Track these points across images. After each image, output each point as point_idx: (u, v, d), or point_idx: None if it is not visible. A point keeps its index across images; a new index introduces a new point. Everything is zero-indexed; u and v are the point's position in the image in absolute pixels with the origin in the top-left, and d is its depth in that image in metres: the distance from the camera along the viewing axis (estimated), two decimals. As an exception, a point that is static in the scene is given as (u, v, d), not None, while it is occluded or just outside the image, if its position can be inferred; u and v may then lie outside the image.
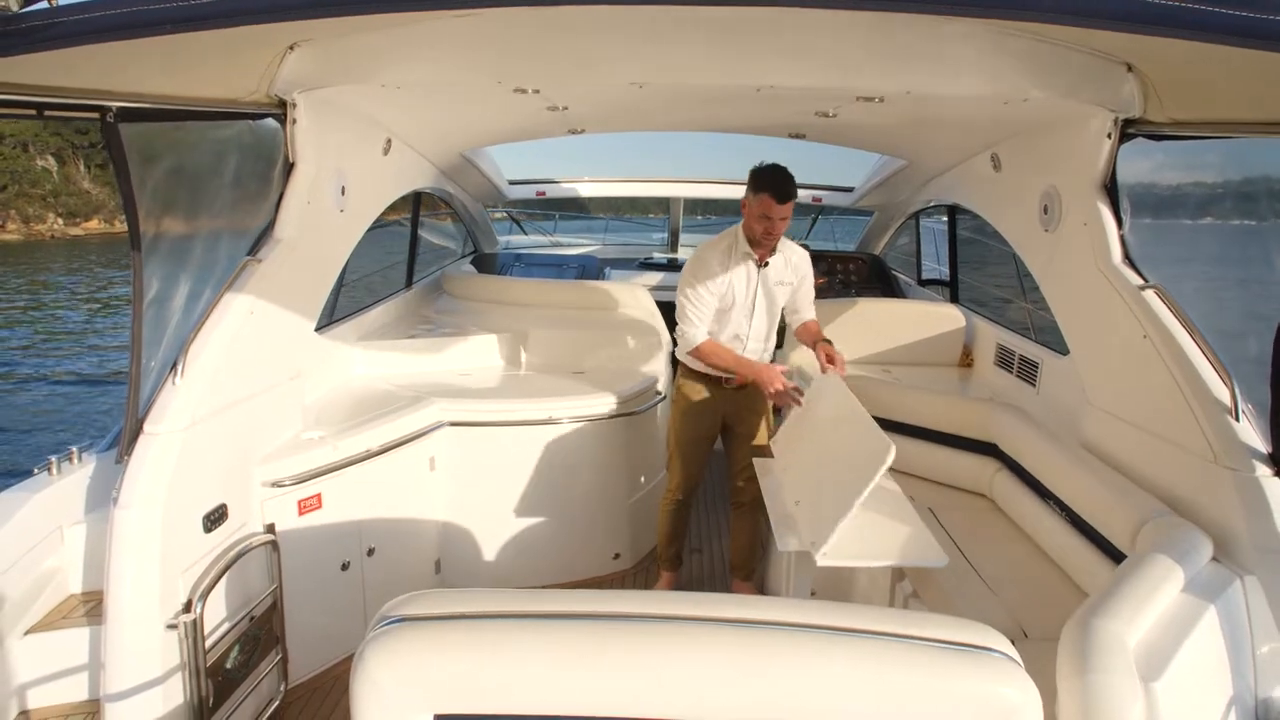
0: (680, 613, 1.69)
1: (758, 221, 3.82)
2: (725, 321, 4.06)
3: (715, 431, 4.32)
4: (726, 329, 4.07)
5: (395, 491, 4.03)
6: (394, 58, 2.96)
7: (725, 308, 4.02)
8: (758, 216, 3.81)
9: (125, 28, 1.68)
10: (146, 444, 2.82)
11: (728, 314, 4.04)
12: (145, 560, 2.74)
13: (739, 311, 4.04)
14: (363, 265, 6.07)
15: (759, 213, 3.80)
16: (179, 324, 3.02)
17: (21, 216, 63.30)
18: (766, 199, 3.75)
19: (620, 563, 4.81)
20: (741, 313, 4.05)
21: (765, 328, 4.14)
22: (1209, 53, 2.01)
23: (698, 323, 3.94)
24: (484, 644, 1.64)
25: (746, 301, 4.03)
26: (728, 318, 4.05)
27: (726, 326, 4.07)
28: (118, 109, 2.50)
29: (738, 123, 5.27)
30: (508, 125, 5.03)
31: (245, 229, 3.38)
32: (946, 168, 5.39)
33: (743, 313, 4.05)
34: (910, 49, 2.81)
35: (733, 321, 4.06)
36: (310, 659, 3.66)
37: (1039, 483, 3.58)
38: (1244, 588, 2.56)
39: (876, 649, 1.61)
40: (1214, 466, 2.77)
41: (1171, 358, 2.98)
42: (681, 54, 2.90)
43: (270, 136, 3.31)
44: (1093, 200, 3.35)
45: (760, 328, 4.12)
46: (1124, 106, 2.97)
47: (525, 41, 2.83)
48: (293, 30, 2.63)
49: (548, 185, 8.15)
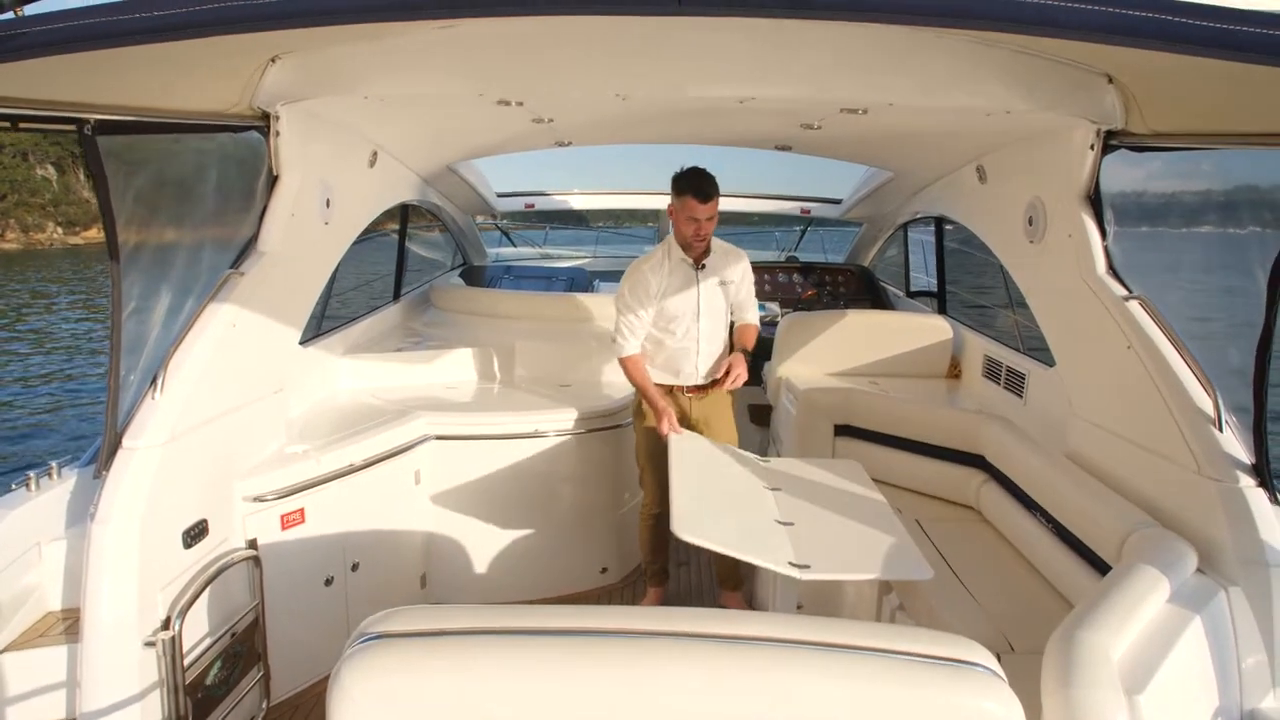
0: (663, 628, 1.68)
1: (685, 224, 3.94)
2: (674, 329, 4.13)
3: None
4: (675, 336, 4.14)
5: (380, 506, 4.00)
6: (375, 70, 2.95)
7: (670, 316, 4.09)
8: (685, 219, 3.93)
9: (99, 37, 1.66)
10: (125, 459, 2.79)
11: (675, 321, 4.11)
12: (123, 577, 2.71)
13: (685, 317, 4.11)
14: (351, 278, 6.06)
15: (685, 215, 3.91)
16: (159, 337, 3.00)
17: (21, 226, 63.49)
18: (690, 200, 3.87)
19: (608, 577, 4.79)
20: (688, 318, 4.12)
21: (713, 328, 4.21)
22: (1187, 64, 2.02)
23: (628, 336, 4.06)
24: (464, 661, 1.62)
25: (690, 306, 4.11)
26: (674, 326, 4.12)
27: (675, 333, 4.14)
28: (96, 121, 2.49)
29: (724, 135, 5.27)
30: (494, 138, 5.02)
31: (228, 241, 3.36)
32: (933, 179, 5.40)
33: (689, 317, 4.12)
34: (891, 61, 2.81)
35: (681, 327, 4.13)
36: (293, 676, 3.62)
37: (1026, 494, 3.58)
38: (1228, 599, 2.55)
39: (859, 664, 1.60)
40: (1198, 477, 2.76)
41: (1155, 368, 2.98)
42: (663, 66, 2.90)
43: (253, 148, 3.30)
44: (1077, 212, 3.35)
45: (709, 329, 4.19)
46: (1105, 118, 2.98)
47: (506, 54, 2.82)
48: (273, 42, 2.62)
49: (537, 197, 8.15)
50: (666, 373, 4.23)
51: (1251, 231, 2.74)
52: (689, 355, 4.19)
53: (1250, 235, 2.75)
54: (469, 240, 7.95)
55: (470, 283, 7.27)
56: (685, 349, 4.17)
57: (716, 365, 4.24)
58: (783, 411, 4.99)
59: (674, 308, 4.08)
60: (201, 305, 3.13)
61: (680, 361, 4.21)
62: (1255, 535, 2.60)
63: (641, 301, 4.02)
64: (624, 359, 4.09)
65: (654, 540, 4.44)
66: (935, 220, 6.21)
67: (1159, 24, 1.46)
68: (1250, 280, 2.61)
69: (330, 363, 4.69)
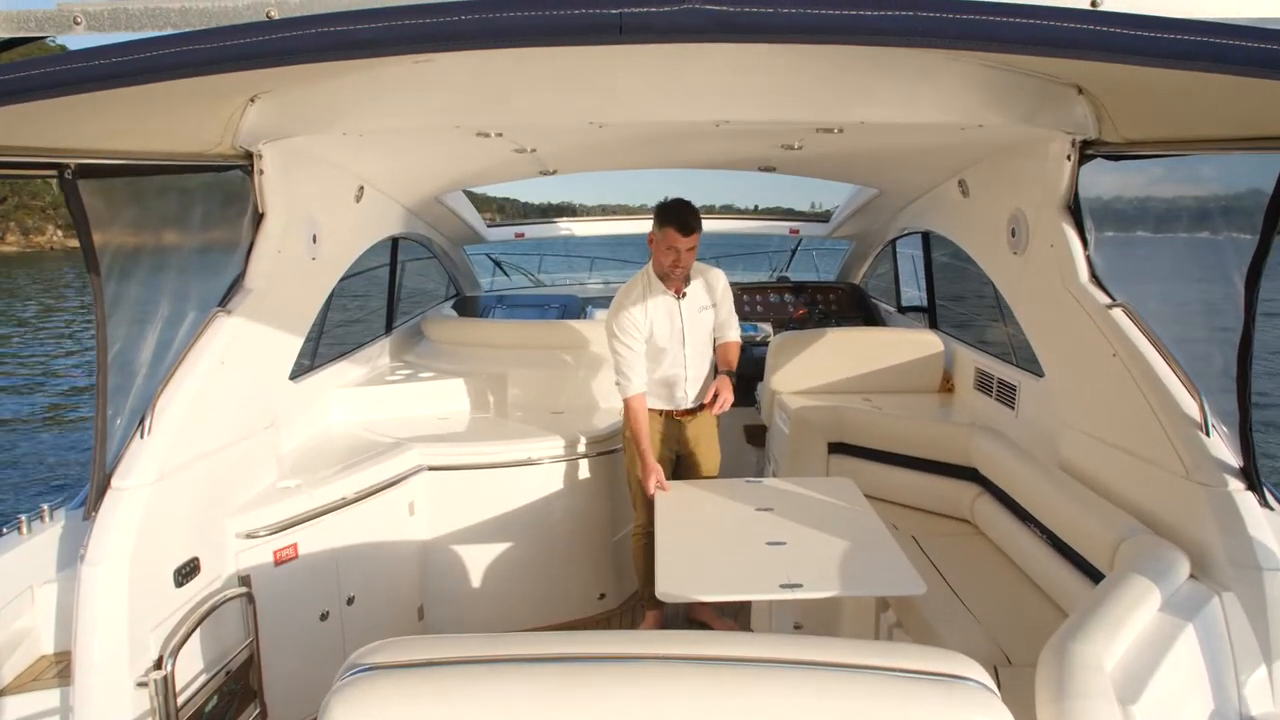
0: (659, 652, 1.68)
1: (664, 254, 3.95)
2: (661, 359, 4.15)
3: (671, 464, 4.35)
4: (662, 366, 4.16)
5: (374, 538, 3.99)
6: (353, 106, 2.98)
7: (657, 347, 4.10)
8: (664, 250, 3.94)
9: (74, 83, 1.68)
10: (114, 499, 2.79)
11: (662, 353, 4.13)
12: (113, 617, 2.70)
13: (672, 348, 4.13)
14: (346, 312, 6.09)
15: (665, 245, 3.93)
16: (146, 377, 3.00)
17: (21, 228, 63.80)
18: (671, 232, 3.89)
19: (606, 603, 4.77)
20: (675, 348, 4.14)
21: (699, 353, 4.23)
22: (1144, 74, 2.04)
23: (631, 375, 4.03)
24: (455, 691, 1.61)
25: (675, 336, 4.13)
26: (662, 356, 4.14)
27: (662, 364, 4.16)
28: (76, 166, 2.51)
29: (707, 158, 5.32)
30: (479, 168, 5.06)
31: (214, 279, 3.37)
32: (917, 195, 5.44)
33: (676, 347, 4.14)
34: (857, 80, 2.85)
35: (668, 358, 4.15)
36: (290, 712, 3.59)
37: (1019, 506, 3.57)
38: (1222, 604, 2.54)
39: (854, 683, 1.60)
40: (1187, 482, 2.76)
41: (1140, 375, 2.98)
42: (631, 92, 2.93)
43: (238, 187, 3.32)
44: (1057, 221, 3.38)
45: (695, 354, 4.21)
46: (1079, 128, 3.01)
47: (479, 86, 2.86)
48: (251, 82, 2.65)
49: (527, 226, 8.19)
50: (659, 399, 4.24)
51: (1227, 236, 2.76)
52: (679, 382, 4.22)
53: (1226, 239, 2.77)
54: (460, 271, 7.98)
55: (463, 313, 7.29)
56: (675, 375, 4.20)
57: (705, 388, 4.27)
58: (776, 431, 4.99)
59: (660, 340, 4.10)
60: (189, 344, 3.13)
61: (671, 388, 4.24)
62: (1246, 539, 2.59)
63: (634, 337, 4.02)
64: (629, 400, 4.06)
65: (649, 563, 4.41)
66: (922, 235, 6.25)
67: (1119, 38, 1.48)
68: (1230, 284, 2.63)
69: (322, 397, 4.70)
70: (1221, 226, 2.85)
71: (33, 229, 64.69)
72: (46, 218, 65.06)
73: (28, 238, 64.14)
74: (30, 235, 64.37)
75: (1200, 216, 3.20)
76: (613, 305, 4.13)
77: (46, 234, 64.98)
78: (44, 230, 65.18)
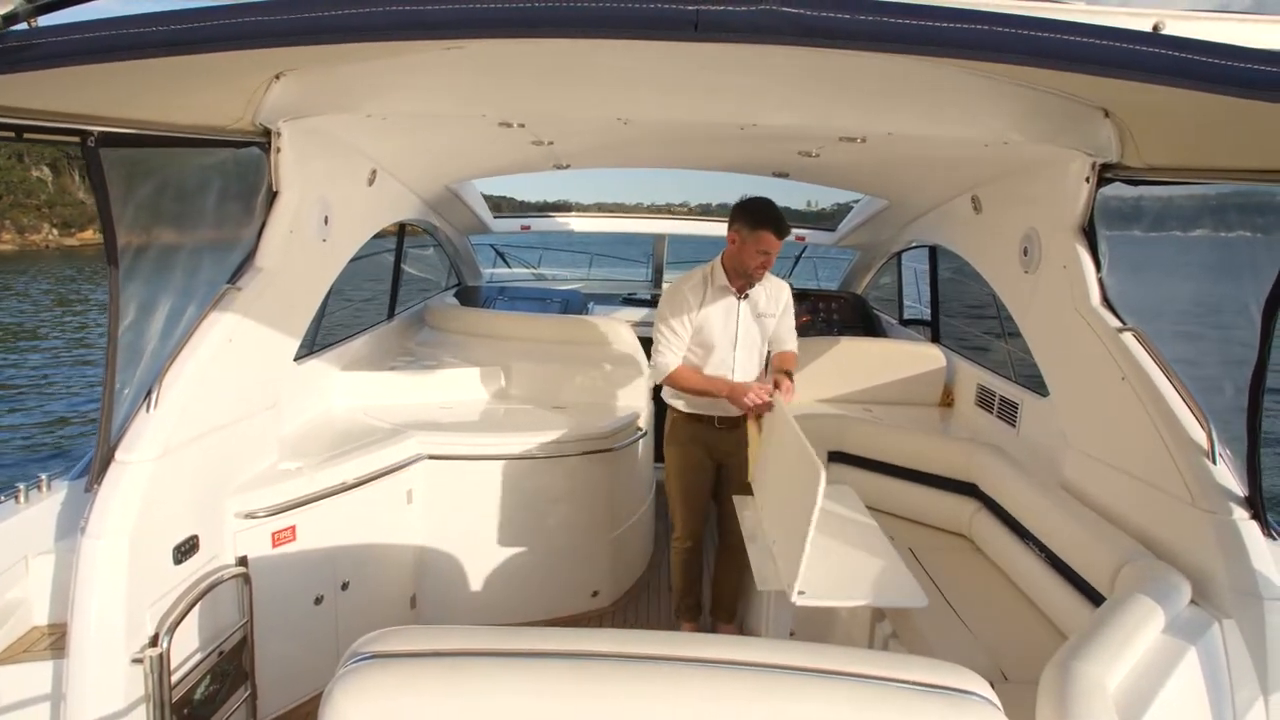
0: (655, 652, 1.67)
1: (753, 256, 3.82)
2: (708, 357, 4.03)
3: (713, 473, 4.25)
4: (709, 365, 4.04)
5: (371, 525, 3.98)
6: (380, 88, 2.96)
7: (706, 343, 3.99)
8: (754, 252, 3.81)
9: (108, 50, 1.67)
10: (118, 473, 2.77)
11: (711, 350, 4.01)
12: (111, 592, 2.68)
13: (722, 346, 4.01)
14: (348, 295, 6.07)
15: (757, 248, 3.80)
16: (155, 351, 2.98)
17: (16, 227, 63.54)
18: (767, 235, 3.77)
19: (599, 600, 4.76)
20: (724, 347, 4.02)
21: (748, 359, 4.10)
22: (1182, 100, 2.05)
23: (668, 352, 3.93)
24: (460, 682, 1.61)
25: (728, 335, 4.01)
26: (710, 354, 4.02)
27: (709, 362, 4.04)
28: (99, 134, 2.49)
29: (723, 161, 5.31)
30: (494, 159, 5.05)
31: (226, 256, 3.36)
32: (928, 208, 5.44)
33: (726, 347, 4.02)
34: (891, 91, 2.84)
35: (715, 356, 4.03)
36: (280, 695, 3.58)
37: (1019, 523, 3.58)
38: (1222, 631, 2.56)
39: (853, 691, 1.60)
40: (1192, 509, 2.77)
41: (1149, 400, 2.99)
42: (667, 91, 2.92)
43: (254, 164, 3.30)
44: (1071, 243, 3.39)
45: (744, 360, 4.08)
46: (1101, 151, 3.02)
47: (512, 76, 2.84)
48: (279, 59, 2.64)
49: (533, 219, 8.18)
50: (701, 404, 4.11)
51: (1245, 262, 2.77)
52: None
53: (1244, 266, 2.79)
54: (464, 260, 7.96)
55: (465, 303, 7.28)
56: (720, 376, 4.05)
57: None
58: None
59: (711, 335, 3.98)
60: (198, 319, 3.12)
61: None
62: (1249, 568, 2.60)
63: (681, 320, 3.91)
64: (670, 374, 3.95)
65: (687, 574, 4.37)
66: (929, 249, 6.26)
67: (1156, 59, 1.49)
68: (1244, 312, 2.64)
69: (324, 380, 4.68)
70: (1240, 253, 2.86)
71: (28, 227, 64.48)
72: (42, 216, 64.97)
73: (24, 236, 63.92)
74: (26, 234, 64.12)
75: (1217, 244, 3.21)
76: (669, 290, 4.03)
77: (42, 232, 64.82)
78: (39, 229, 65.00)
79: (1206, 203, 3.20)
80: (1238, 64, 1.39)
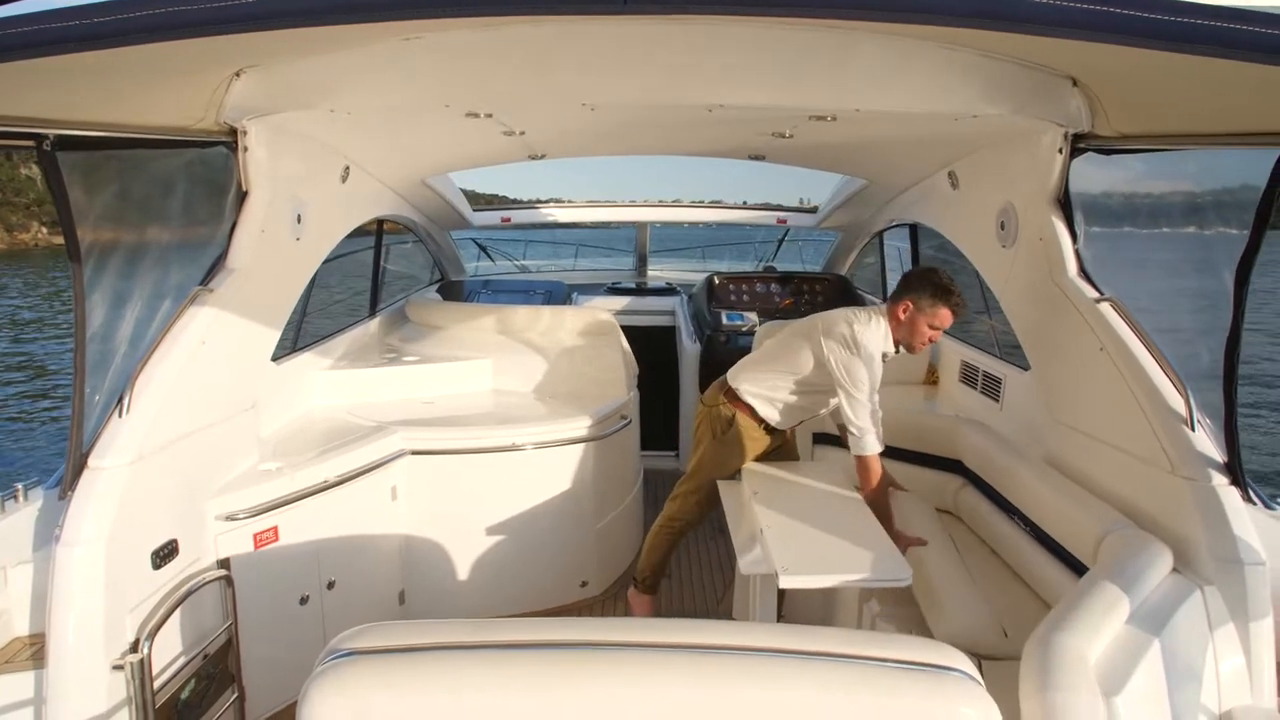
0: (639, 639, 1.66)
1: (925, 331, 3.67)
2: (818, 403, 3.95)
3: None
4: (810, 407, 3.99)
5: (356, 522, 3.95)
6: (342, 82, 2.93)
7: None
8: (928, 328, 3.65)
9: (47, 44, 1.63)
10: (91, 479, 2.74)
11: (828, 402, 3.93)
12: (89, 599, 2.65)
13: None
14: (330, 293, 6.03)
15: (933, 324, 3.65)
16: (125, 355, 2.96)
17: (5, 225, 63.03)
18: (947, 313, 3.63)
19: (588, 590, 4.75)
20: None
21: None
22: (1147, 65, 2.03)
23: (873, 428, 3.68)
24: (437, 677, 1.60)
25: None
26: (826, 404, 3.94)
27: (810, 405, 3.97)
28: (55, 137, 2.45)
29: (697, 145, 5.28)
30: (467, 151, 5.01)
31: (197, 258, 3.32)
32: (906, 187, 5.43)
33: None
34: (856, 65, 2.83)
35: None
36: (269, 697, 3.56)
37: (1003, 498, 3.58)
38: (1204, 598, 2.56)
39: (839, 672, 1.60)
40: (1171, 477, 2.77)
41: (1127, 370, 2.99)
42: (627, 72, 2.90)
43: (221, 163, 3.27)
44: (1047, 215, 3.38)
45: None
46: (1071, 121, 3.00)
47: (471, 65, 2.81)
48: (236, 54, 2.60)
49: (514, 211, 8.13)
50: (787, 418, 4.04)
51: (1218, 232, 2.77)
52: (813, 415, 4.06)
53: (1215, 235, 2.78)
54: (446, 255, 7.92)
55: (447, 297, 7.24)
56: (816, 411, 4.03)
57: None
58: None
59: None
60: (169, 322, 3.08)
61: (801, 415, 4.06)
62: (1229, 533, 2.61)
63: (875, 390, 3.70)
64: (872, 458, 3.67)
65: (669, 553, 4.35)
66: (910, 227, 6.25)
67: (1119, 19, 1.47)
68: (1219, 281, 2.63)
69: (305, 379, 4.65)
70: (1212, 222, 2.86)
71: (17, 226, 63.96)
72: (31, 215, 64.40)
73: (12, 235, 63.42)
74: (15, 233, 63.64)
75: (1190, 212, 3.21)
76: (864, 342, 3.66)
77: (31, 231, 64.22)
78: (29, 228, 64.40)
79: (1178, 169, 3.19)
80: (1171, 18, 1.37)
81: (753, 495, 3.58)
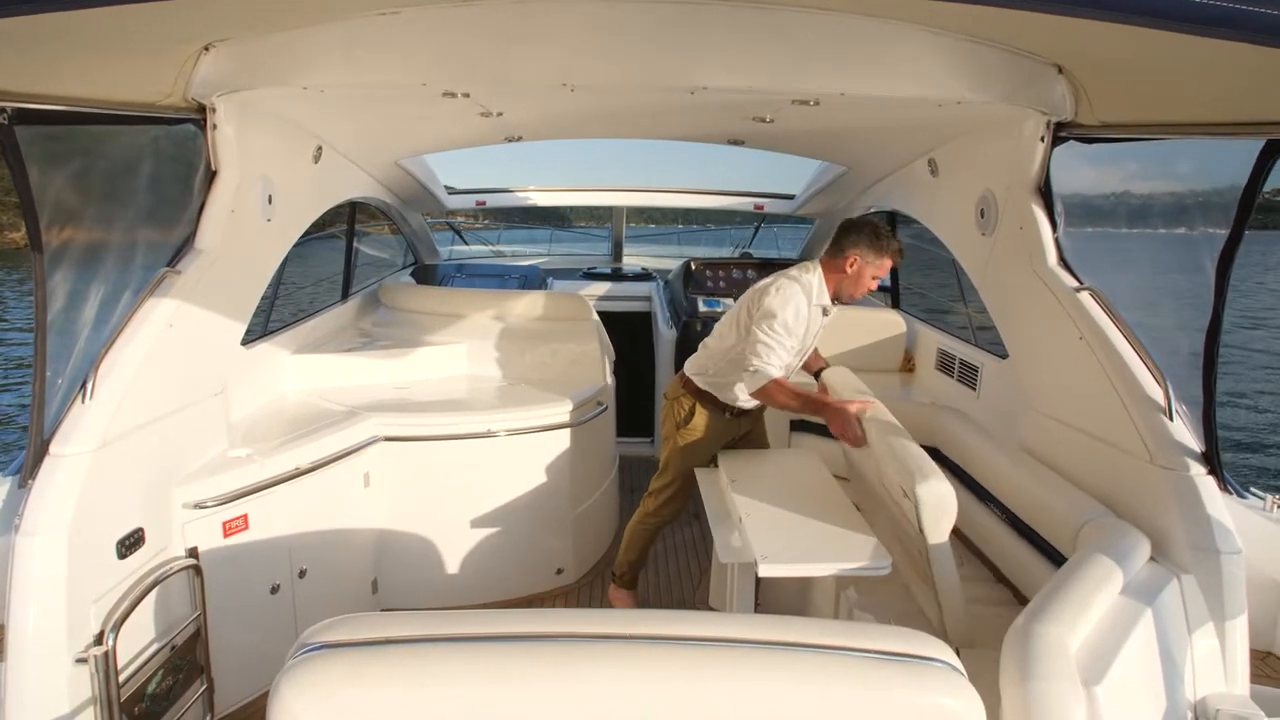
0: (619, 631, 1.64)
1: (871, 282, 3.76)
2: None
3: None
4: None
5: (328, 510, 3.89)
6: (315, 59, 2.85)
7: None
8: (873, 279, 3.76)
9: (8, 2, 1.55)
10: (52, 467, 2.66)
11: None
12: (50, 590, 2.57)
13: (797, 360, 3.94)
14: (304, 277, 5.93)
15: (877, 274, 3.75)
16: (89, 339, 2.87)
17: None
18: (888, 262, 3.74)
19: (563, 578, 4.72)
20: (798, 360, 3.96)
21: (799, 365, 4.03)
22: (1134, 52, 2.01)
23: (778, 359, 3.65)
24: (410, 670, 1.56)
25: (805, 349, 3.95)
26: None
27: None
28: (13, 110, 2.36)
29: (676, 129, 5.23)
30: (443, 132, 4.92)
31: (163, 239, 3.23)
32: (885, 173, 5.42)
33: (798, 360, 3.96)
34: (842, 50, 2.80)
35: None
36: (239, 688, 3.50)
37: (980, 486, 3.59)
38: (1181, 587, 2.58)
39: (820, 663, 1.59)
40: (1149, 466, 2.79)
41: (1106, 359, 3.00)
42: (608, 52, 2.84)
43: (190, 142, 3.18)
44: (1028, 203, 3.37)
45: (798, 367, 4.01)
46: (1055, 109, 2.99)
47: (449, 41, 2.75)
48: (205, 27, 2.52)
49: (488, 195, 8.04)
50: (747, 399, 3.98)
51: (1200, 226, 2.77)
52: None
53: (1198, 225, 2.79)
54: (420, 239, 7.82)
55: (422, 281, 7.15)
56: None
57: None
58: None
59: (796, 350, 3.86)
60: (135, 305, 3.00)
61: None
62: (1206, 523, 2.63)
63: (796, 338, 3.74)
64: (776, 380, 3.62)
65: (646, 549, 4.36)
66: (888, 215, 6.24)
67: None
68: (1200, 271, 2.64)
69: (275, 364, 4.56)
70: (1194, 212, 2.86)
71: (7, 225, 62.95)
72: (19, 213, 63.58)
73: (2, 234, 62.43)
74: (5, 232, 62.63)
75: (1172, 202, 3.22)
76: (783, 297, 3.70)
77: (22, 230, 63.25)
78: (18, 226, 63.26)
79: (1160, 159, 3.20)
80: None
81: (730, 483, 3.56)
